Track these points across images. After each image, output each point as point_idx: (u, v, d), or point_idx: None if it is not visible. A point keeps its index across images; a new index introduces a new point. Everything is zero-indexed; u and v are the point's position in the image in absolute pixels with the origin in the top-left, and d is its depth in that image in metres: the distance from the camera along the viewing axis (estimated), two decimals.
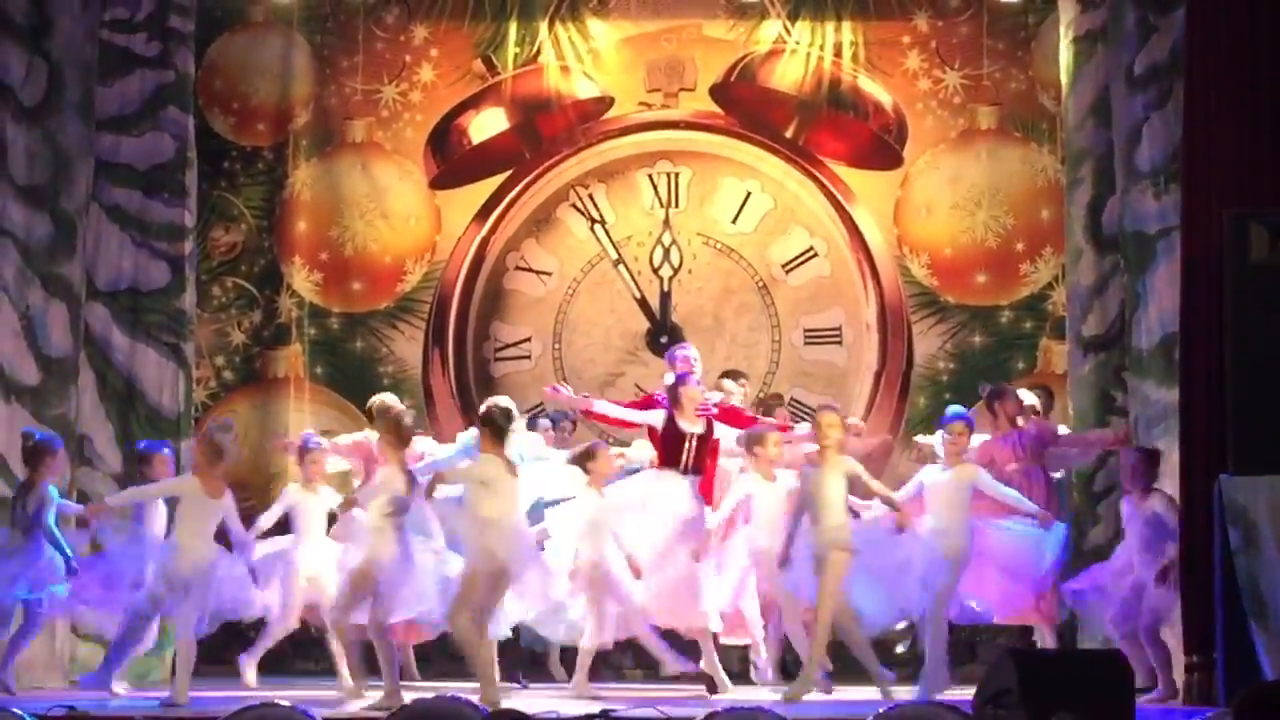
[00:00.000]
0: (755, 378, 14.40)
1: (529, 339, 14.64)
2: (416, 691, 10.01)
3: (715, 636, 11.63)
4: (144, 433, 13.04)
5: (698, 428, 11.65)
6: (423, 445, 12.03)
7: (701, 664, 11.57)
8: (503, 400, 10.73)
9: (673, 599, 11.46)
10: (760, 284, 14.56)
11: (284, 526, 11.90)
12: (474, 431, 11.24)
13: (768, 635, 12.00)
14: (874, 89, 14.54)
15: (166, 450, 11.94)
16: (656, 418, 11.77)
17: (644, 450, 12.11)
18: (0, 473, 12.18)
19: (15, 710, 8.65)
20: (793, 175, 14.59)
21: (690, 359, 12.27)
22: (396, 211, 14.69)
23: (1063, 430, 12.53)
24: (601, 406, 12.12)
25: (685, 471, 11.60)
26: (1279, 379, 10.62)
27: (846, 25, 14.51)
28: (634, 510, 11.47)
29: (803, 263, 14.59)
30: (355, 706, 10.45)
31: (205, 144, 14.23)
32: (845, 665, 12.27)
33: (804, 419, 14.23)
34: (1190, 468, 11.18)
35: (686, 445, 11.59)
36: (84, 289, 13.05)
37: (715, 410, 11.92)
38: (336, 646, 11.48)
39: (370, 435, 11.92)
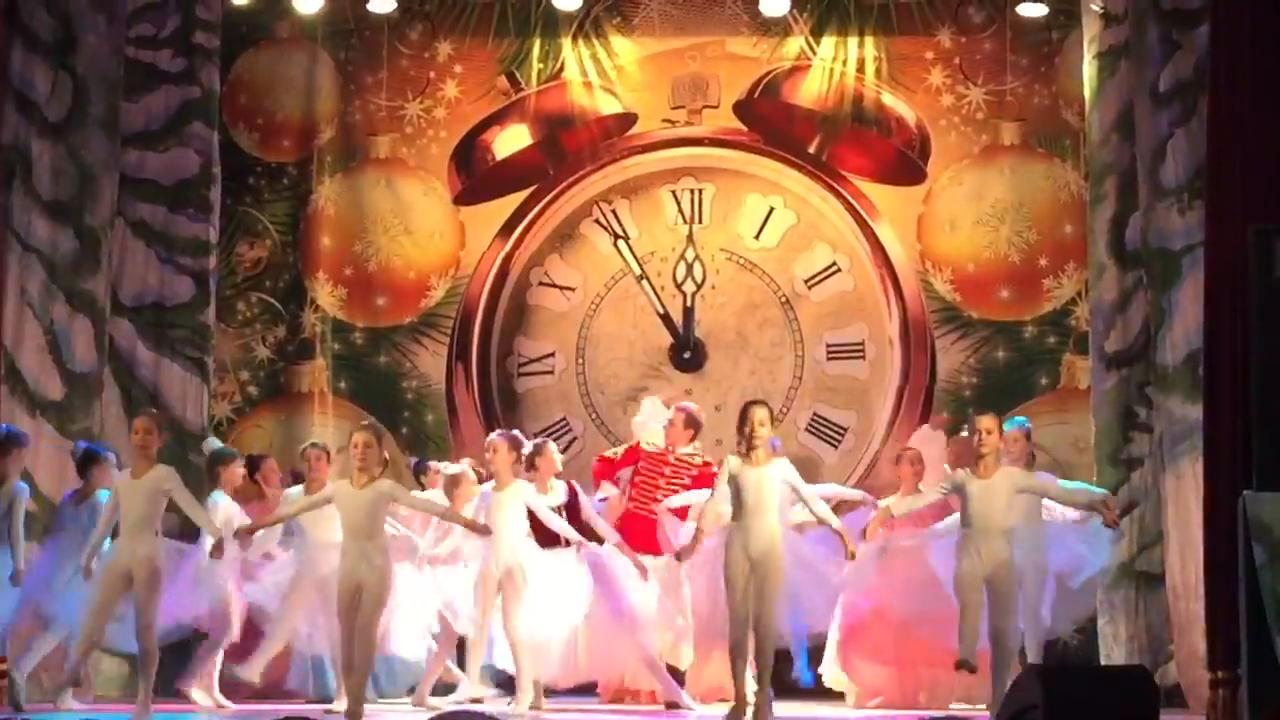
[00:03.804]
0: (778, 393, 14.41)
1: (552, 354, 14.64)
2: None
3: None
4: (167, 448, 13.05)
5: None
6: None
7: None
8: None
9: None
10: (783, 299, 14.56)
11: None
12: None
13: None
14: (897, 105, 14.53)
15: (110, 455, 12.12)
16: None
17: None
18: (28, 486, 12.21)
19: None
20: (816, 191, 14.59)
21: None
22: (420, 227, 14.71)
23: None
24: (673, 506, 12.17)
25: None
26: None
27: (870, 41, 14.50)
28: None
29: (826, 278, 14.58)
30: None
31: (230, 160, 14.27)
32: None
33: (826, 436, 14.27)
34: (1214, 484, 11.18)
35: None
36: (109, 304, 13.09)
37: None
38: None
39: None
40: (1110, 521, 11.06)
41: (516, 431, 12.14)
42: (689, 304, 14.61)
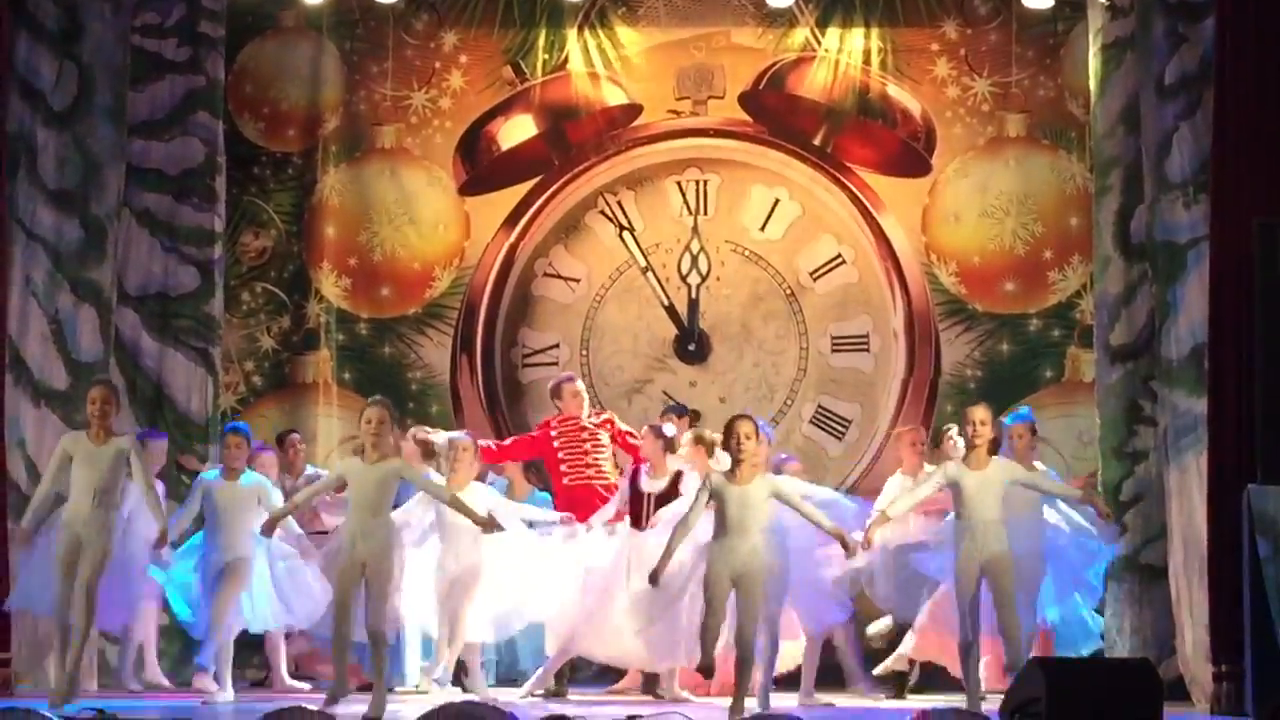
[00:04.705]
0: (782, 385, 14.42)
1: (557, 345, 14.64)
2: None
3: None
4: (172, 437, 13.06)
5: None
6: None
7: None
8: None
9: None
10: (788, 291, 14.55)
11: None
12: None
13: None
14: (903, 96, 14.52)
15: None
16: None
17: None
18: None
19: (43, 712, 8.68)
20: (821, 183, 14.58)
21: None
22: (425, 218, 14.70)
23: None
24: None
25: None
26: None
27: (875, 32, 14.48)
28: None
29: (830, 270, 14.58)
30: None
31: (235, 149, 14.26)
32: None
33: (830, 428, 14.27)
34: (1219, 477, 11.20)
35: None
36: (114, 294, 13.08)
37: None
38: None
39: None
40: (1104, 513, 11.06)
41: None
42: (694, 296, 14.60)
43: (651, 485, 11.85)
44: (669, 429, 12.13)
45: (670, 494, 11.78)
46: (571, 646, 11.81)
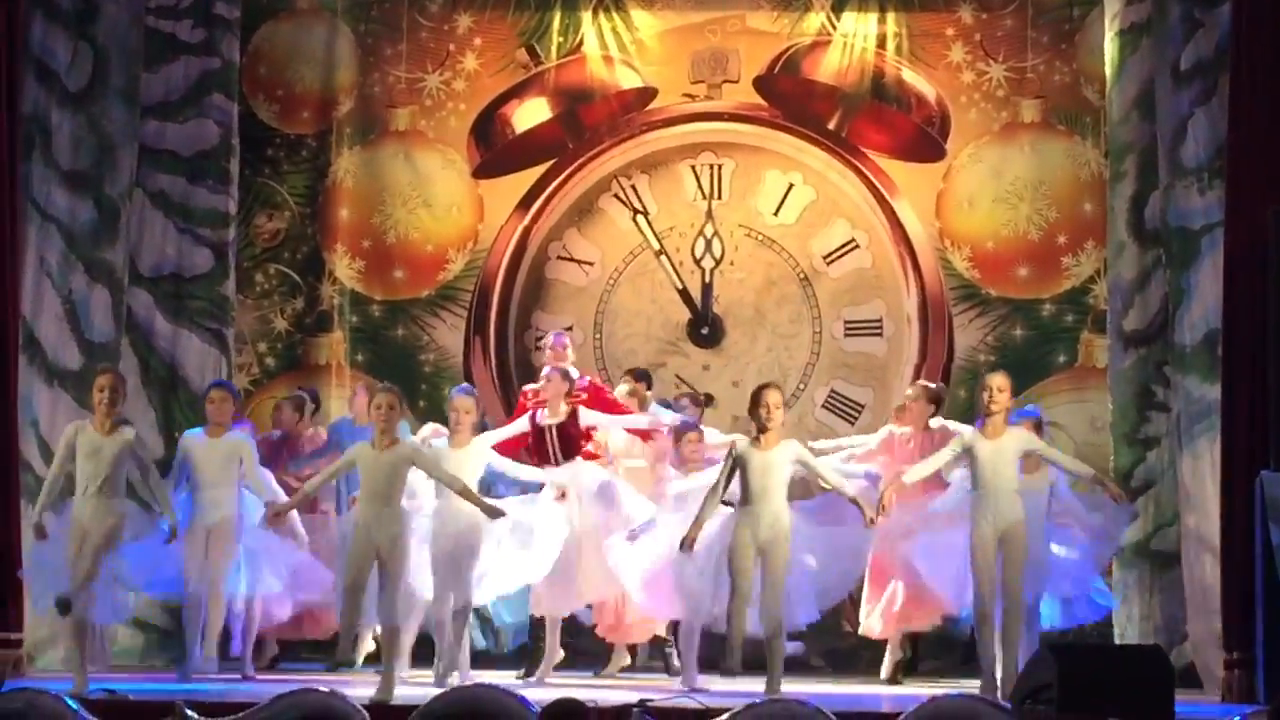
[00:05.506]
0: (795, 369, 14.41)
1: (570, 328, 14.61)
2: None
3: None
4: (185, 419, 13.09)
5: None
6: None
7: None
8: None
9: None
10: (801, 276, 14.55)
11: None
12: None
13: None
14: (917, 81, 14.50)
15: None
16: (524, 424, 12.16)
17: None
18: (43, 455, 12.22)
19: (54, 692, 8.70)
20: (835, 167, 14.56)
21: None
22: (439, 200, 14.71)
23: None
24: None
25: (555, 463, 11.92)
26: None
27: (890, 17, 14.46)
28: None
29: (844, 254, 14.57)
30: None
31: (249, 131, 14.25)
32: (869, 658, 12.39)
33: (843, 412, 14.27)
34: (1232, 464, 11.20)
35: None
36: (127, 274, 13.10)
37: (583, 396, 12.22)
38: None
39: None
40: (1115, 495, 10.96)
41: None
42: (707, 280, 14.60)
43: (548, 420, 11.96)
44: (573, 371, 12.26)
45: (568, 427, 11.92)
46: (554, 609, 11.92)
